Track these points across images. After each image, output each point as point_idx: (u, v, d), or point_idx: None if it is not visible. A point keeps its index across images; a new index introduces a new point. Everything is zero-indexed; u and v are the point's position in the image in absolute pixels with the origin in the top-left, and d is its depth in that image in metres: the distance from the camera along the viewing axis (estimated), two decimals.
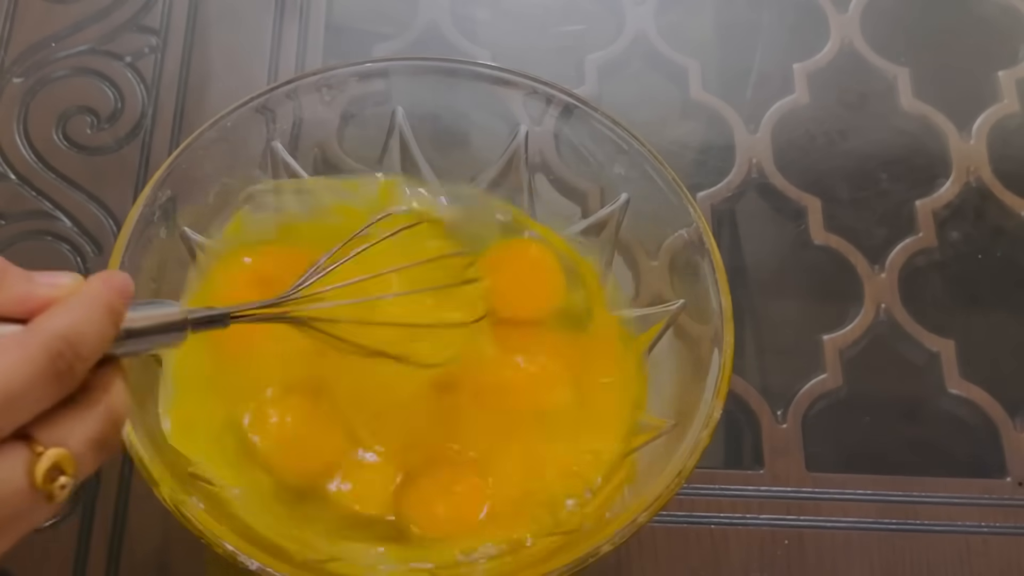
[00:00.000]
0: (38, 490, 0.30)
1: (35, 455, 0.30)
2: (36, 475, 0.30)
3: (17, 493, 0.30)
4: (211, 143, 0.50)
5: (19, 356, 0.30)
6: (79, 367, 0.31)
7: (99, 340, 0.32)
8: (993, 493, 0.58)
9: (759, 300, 0.65)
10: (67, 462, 0.31)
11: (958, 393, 0.61)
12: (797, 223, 0.66)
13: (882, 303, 0.63)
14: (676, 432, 0.47)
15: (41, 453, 0.30)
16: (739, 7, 0.76)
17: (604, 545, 0.42)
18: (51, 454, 0.30)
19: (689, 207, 0.50)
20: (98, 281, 0.33)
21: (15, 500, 0.30)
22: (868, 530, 0.56)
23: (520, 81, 0.53)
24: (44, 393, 0.30)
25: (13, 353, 0.30)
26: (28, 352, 0.30)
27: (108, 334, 0.33)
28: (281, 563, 0.42)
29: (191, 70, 0.67)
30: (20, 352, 0.30)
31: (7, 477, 0.30)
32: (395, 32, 0.70)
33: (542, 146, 0.55)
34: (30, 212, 0.62)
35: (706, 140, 0.69)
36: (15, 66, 0.66)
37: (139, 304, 0.35)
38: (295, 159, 0.54)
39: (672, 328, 0.51)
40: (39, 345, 0.30)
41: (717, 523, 0.56)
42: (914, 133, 0.70)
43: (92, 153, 0.64)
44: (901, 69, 0.71)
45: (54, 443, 0.31)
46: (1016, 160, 0.69)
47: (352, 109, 0.54)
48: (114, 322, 0.33)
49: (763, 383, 0.60)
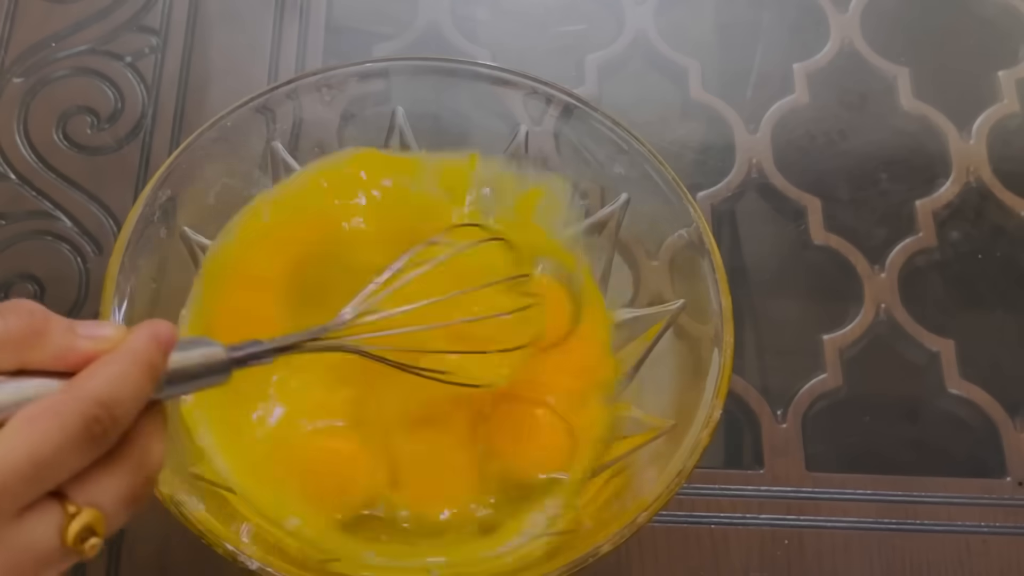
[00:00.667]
0: (69, 550, 0.30)
1: (68, 516, 0.30)
2: (68, 537, 0.30)
3: (48, 553, 0.30)
4: (211, 143, 0.50)
5: (53, 424, 0.30)
6: (114, 432, 0.31)
7: (136, 401, 0.32)
8: (993, 493, 0.58)
9: (759, 300, 0.65)
10: (98, 523, 0.31)
11: (958, 393, 0.61)
12: (797, 223, 0.66)
13: (882, 303, 0.63)
14: (676, 432, 0.47)
15: (74, 515, 0.30)
16: (739, 7, 0.76)
17: (604, 545, 0.42)
18: (83, 517, 0.31)
19: (689, 207, 0.50)
20: (141, 336, 0.33)
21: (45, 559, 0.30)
22: (868, 530, 0.56)
23: (520, 81, 0.53)
24: (77, 458, 0.31)
25: (48, 421, 0.30)
26: (63, 420, 0.30)
27: (146, 393, 0.33)
28: (281, 563, 0.42)
29: (191, 70, 0.67)
30: (55, 420, 0.30)
31: (39, 538, 0.30)
32: (395, 32, 0.70)
33: (542, 146, 0.55)
34: (30, 212, 0.62)
35: (706, 140, 0.69)
36: (15, 66, 0.66)
37: (181, 343, 0.34)
38: (295, 159, 0.54)
39: (672, 328, 0.51)
40: (74, 412, 0.30)
41: (717, 523, 0.56)
42: (914, 133, 0.70)
43: (92, 153, 0.64)
44: (901, 69, 0.71)
45: (87, 502, 0.31)
46: (1016, 160, 0.69)
47: (352, 109, 0.54)
48: (153, 379, 0.33)
49: (763, 383, 0.60)
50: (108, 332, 0.33)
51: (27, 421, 0.30)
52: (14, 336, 0.31)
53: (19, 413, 0.30)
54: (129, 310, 0.46)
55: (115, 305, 0.45)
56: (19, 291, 0.59)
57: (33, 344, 0.31)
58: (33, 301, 0.32)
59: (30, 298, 0.59)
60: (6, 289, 0.60)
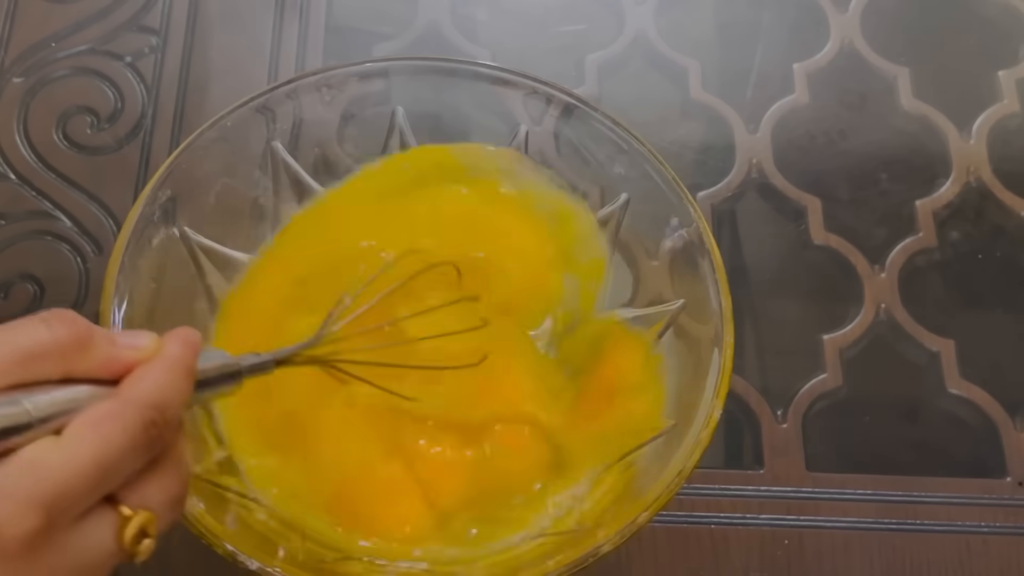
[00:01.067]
0: (125, 551, 0.31)
1: (123, 519, 0.31)
2: (125, 539, 0.31)
3: (107, 557, 0.31)
4: (211, 143, 0.50)
5: (117, 427, 0.31)
6: (167, 433, 0.33)
7: (181, 403, 0.34)
8: (993, 493, 0.58)
9: (759, 300, 0.65)
10: (151, 524, 0.32)
11: (958, 393, 0.61)
12: (797, 223, 0.66)
13: (882, 303, 0.63)
14: (676, 432, 0.47)
15: (129, 517, 0.31)
16: (739, 7, 0.76)
17: (604, 545, 0.42)
18: (139, 519, 0.32)
19: (689, 207, 0.50)
20: (176, 342, 0.34)
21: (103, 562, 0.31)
22: (868, 530, 0.56)
23: (520, 81, 0.53)
24: (137, 460, 0.32)
25: (111, 424, 0.31)
26: (125, 423, 0.31)
27: (187, 395, 0.34)
28: (281, 563, 0.42)
29: (191, 70, 0.67)
30: (118, 423, 0.31)
31: (98, 541, 0.31)
32: (395, 32, 0.70)
33: (542, 146, 0.55)
34: (30, 212, 0.62)
35: (706, 140, 0.69)
36: (15, 66, 0.66)
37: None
38: (295, 159, 0.54)
39: (672, 328, 0.51)
40: (134, 415, 0.31)
41: (717, 523, 0.56)
42: (914, 133, 0.70)
43: (92, 153, 0.64)
44: (901, 69, 0.71)
45: (140, 505, 0.32)
46: (1016, 160, 0.69)
47: (352, 109, 0.54)
48: (191, 382, 0.35)
49: (763, 383, 0.60)
50: (145, 342, 0.34)
51: (91, 425, 0.30)
52: (62, 344, 0.32)
53: (81, 417, 0.31)
54: (129, 310, 0.46)
55: (115, 305, 0.45)
56: (19, 291, 0.59)
57: (79, 353, 0.32)
58: (73, 311, 0.33)
59: (30, 298, 0.59)
60: (6, 289, 0.60)
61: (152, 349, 0.34)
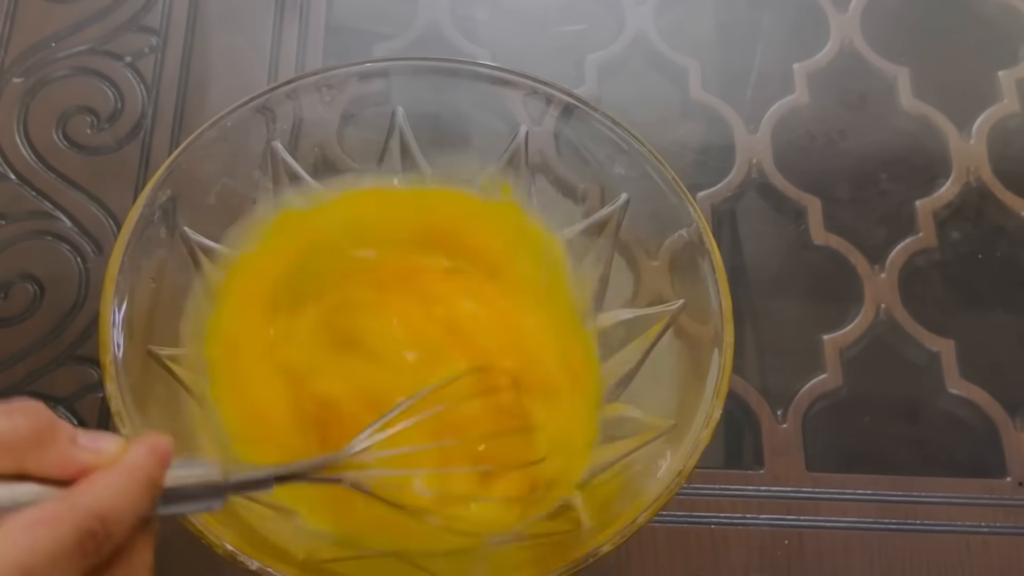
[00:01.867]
0: None
1: None
2: None
3: None
4: (211, 143, 0.50)
5: (48, 533, 0.29)
6: (107, 546, 0.31)
7: (133, 517, 0.32)
8: (993, 493, 0.58)
9: (759, 300, 0.65)
10: None
11: (958, 393, 0.61)
12: (797, 223, 0.66)
13: (882, 303, 0.63)
14: (676, 432, 0.47)
15: None
16: (739, 7, 0.76)
17: (604, 545, 0.42)
18: None
19: (689, 207, 0.50)
20: (141, 451, 0.33)
21: None
22: (868, 530, 0.56)
23: (520, 81, 0.53)
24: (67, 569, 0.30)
25: (42, 530, 0.29)
26: (58, 531, 0.29)
27: (143, 509, 0.32)
28: (281, 563, 0.42)
29: (191, 70, 0.67)
30: (49, 530, 0.29)
31: None
32: (395, 32, 0.70)
33: (542, 146, 0.55)
34: (30, 212, 0.62)
35: (706, 140, 0.69)
36: (15, 66, 0.66)
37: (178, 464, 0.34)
38: (295, 159, 0.54)
39: (672, 328, 0.51)
40: (70, 524, 0.30)
41: (717, 523, 0.56)
42: (914, 133, 0.70)
43: (92, 153, 0.64)
44: (901, 69, 0.71)
45: None
46: (1016, 160, 0.69)
47: (352, 109, 0.54)
48: (151, 496, 0.33)
49: (763, 383, 0.60)
50: (108, 446, 0.33)
51: (21, 529, 0.29)
52: (20, 439, 0.31)
53: (16, 518, 0.29)
54: (129, 310, 0.46)
55: (115, 305, 0.45)
56: (19, 291, 0.59)
57: (36, 450, 0.31)
58: (41, 403, 0.32)
59: (30, 298, 0.59)
60: (6, 289, 0.60)
61: (114, 454, 0.32)
